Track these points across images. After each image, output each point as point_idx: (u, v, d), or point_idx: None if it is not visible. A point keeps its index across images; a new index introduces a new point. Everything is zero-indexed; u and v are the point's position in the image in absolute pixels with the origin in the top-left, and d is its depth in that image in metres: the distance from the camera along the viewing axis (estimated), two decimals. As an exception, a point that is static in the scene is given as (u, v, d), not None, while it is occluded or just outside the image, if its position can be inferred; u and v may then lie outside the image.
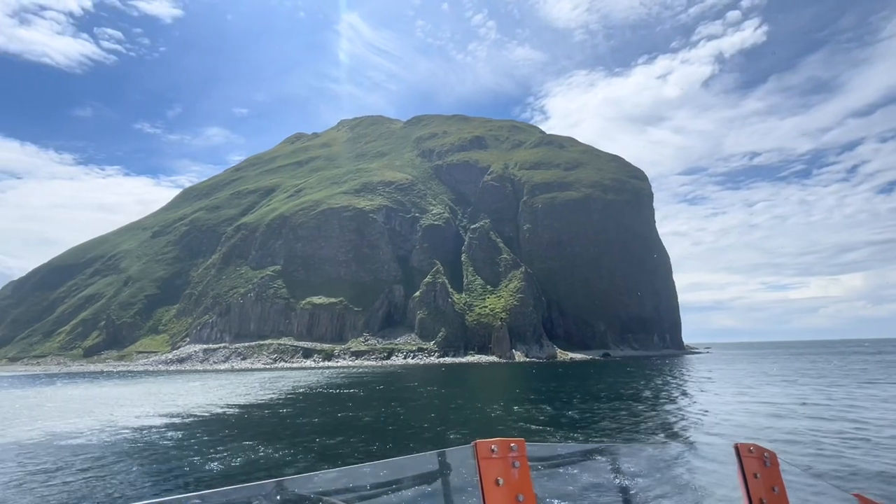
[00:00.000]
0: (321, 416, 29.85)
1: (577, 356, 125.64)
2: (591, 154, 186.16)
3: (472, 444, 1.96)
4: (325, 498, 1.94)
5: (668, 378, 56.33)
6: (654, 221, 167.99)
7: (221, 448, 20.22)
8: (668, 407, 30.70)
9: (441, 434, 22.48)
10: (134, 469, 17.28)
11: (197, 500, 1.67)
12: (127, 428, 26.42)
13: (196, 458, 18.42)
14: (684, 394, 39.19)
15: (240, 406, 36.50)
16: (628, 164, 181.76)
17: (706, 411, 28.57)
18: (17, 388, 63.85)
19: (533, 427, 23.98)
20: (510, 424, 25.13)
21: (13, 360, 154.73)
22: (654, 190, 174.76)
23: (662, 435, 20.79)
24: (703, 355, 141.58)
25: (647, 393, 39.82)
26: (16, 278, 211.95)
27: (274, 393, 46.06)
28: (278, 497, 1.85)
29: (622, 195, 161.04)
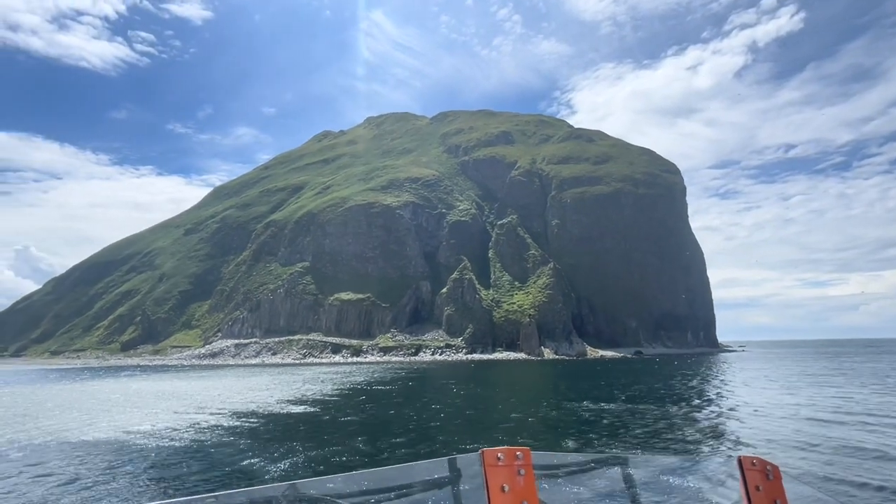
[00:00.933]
0: (369, 415, 29.23)
1: (609, 354, 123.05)
2: (622, 148, 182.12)
3: (480, 451, 2.04)
4: (337, 501, 2.00)
5: (721, 378, 54.06)
6: (688, 216, 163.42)
7: (278, 447, 19.83)
8: (746, 412, 28.65)
9: (511, 438, 21.43)
10: (194, 468, 16.83)
11: (212, 500, 1.74)
12: (183, 426, 26.10)
13: (252, 458, 17.88)
14: (752, 396, 37.07)
15: (289, 402, 36.25)
16: (660, 158, 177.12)
17: (781, 417, 26.87)
18: (68, 382, 65.31)
19: (606, 433, 22.82)
20: (579, 432, 23.97)
21: (55, 353, 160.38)
22: (685, 184, 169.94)
23: (727, 445, 19.48)
24: (740, 353, 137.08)
25: (711, 394, 37.98)
26: (57, 275, 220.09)
27: (319, 390, 45.53)
28: (291, 499, 1.91)
29: (654, 189, 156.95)
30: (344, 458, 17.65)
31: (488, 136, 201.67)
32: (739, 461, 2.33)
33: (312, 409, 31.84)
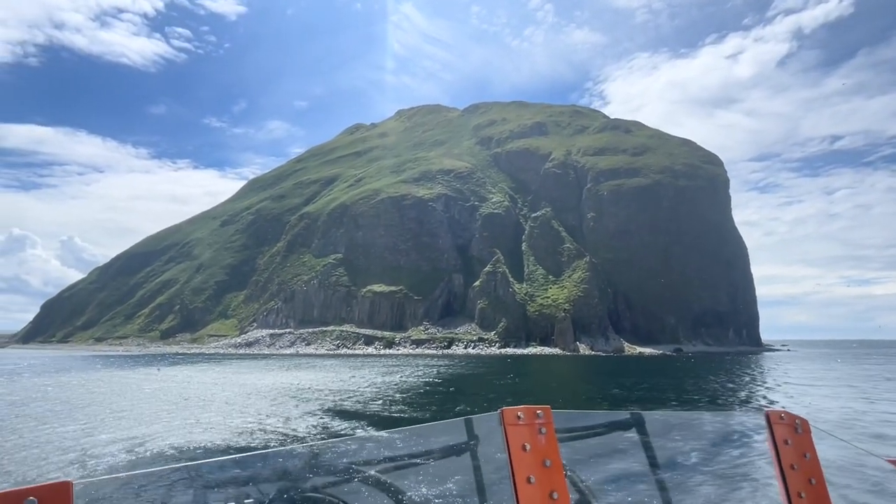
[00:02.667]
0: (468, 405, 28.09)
1: (647, 351, 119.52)
2: (660, 138, 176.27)
3: (499, 410, 2.02)
4: (358, 468, 1.99)
5: (780, 379, 51.08)
6: (731, 209, 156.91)
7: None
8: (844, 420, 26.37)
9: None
10: None
11: (234, 468, 1.79)
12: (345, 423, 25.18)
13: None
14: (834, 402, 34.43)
15: (353, 397, 35.38)
16: (701, 149, 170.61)
17: None
18: (147, 368, 65.58)
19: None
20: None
21: (98, 340, 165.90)
22: (727, 176, 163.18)
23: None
24: (786, 353, 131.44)
25: (785, 397, 35.48)
26: (100, 264, 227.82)
27: (385, 383, 44.12)
28: (309, 462, 1.93)
29: (695, 181, 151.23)
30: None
31: (521, 128, 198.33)
32: (767, 416, 2.29)
33: (413, 396, 30.93)
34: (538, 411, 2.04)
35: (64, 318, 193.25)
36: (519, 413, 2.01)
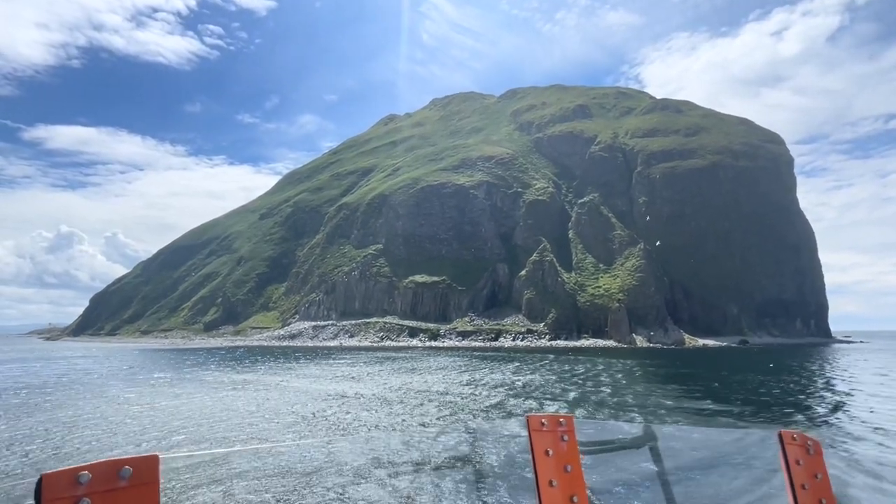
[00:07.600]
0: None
1: (710, 342, 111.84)
2: (715, 118, 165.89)
3: (525, 417, 2.14)
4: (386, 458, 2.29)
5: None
6: (796, 191, 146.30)
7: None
8: None
9: None
10: None
11: (251, 451, 1.87)
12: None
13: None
14: None
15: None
16: (760, 128, 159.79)
17: None
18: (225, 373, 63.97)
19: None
20: None
21: (145, 332, 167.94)
22: (791, 155, 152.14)
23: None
24: (861, 345, 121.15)
25: None
26: (142, 259, 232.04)
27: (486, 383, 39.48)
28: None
29: (756, 162, 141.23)
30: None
31: (563, 112, 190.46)
32: (780, 435, 2.33)
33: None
34: (561, 419, 2.15)
35: (111, 312, 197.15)
36: (543, 420, 2.12)
